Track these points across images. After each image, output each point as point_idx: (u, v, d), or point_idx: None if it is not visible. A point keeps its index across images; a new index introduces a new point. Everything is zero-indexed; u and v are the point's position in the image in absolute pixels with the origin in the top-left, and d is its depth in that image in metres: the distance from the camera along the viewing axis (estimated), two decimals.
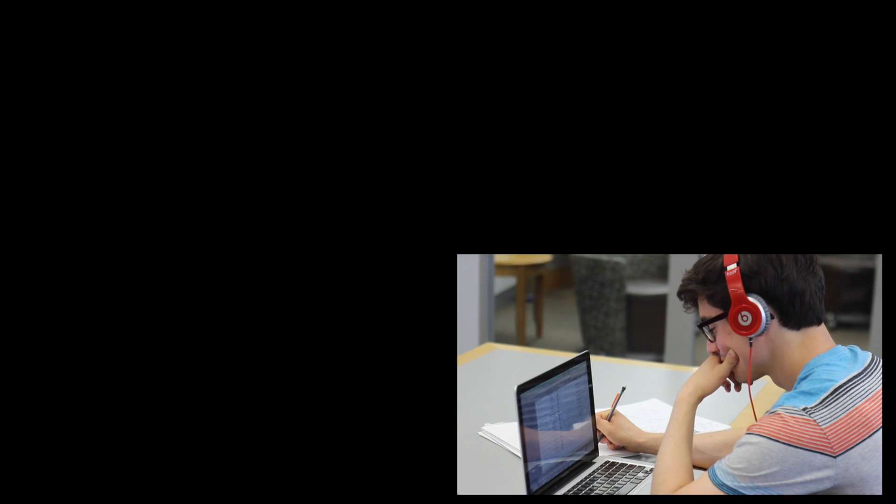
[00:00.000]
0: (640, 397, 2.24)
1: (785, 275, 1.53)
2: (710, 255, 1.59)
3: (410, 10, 1.58)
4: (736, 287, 1.54)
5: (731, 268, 1.54)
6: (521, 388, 1.67)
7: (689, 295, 1.62)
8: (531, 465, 1.68)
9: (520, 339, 5.41)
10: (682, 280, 1.63)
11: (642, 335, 4.87)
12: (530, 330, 5.78)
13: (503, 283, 6.24)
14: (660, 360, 4.74)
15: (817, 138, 1.57)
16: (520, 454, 1.66)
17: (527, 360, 1.79)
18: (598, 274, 4.86)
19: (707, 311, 1.60)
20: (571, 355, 1.87)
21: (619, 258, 4.80)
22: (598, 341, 4.96)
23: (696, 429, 2.02)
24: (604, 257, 4.76)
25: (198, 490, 1.55)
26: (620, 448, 1.93)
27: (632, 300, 4.86)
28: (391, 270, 1.58)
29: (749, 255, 1.54)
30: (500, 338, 5.53)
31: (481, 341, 4.86)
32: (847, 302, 5.51)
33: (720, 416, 2.11)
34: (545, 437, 1.73)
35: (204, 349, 1.56)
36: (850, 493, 1.42)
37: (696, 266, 1.60)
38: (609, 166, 1.59)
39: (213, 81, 1.59)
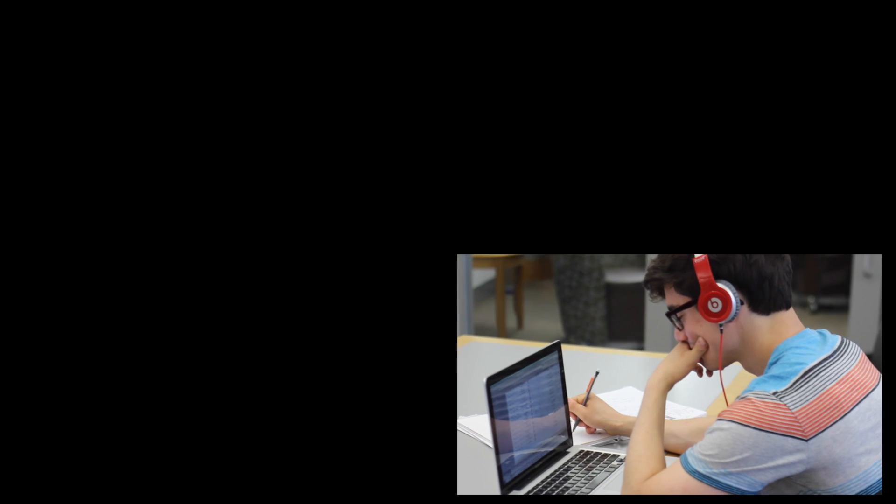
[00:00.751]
0: (617, 385, 2.23)
1: (753, 260, 1.52)
2: None
3: (410, 10, 1.58)
4: (705, 274, 1.52)
5: (699, 255, 1.53)
6: (491, 380, 1.65)
7: (655, 284, 1.60)
8: (503, 457, 1.66)
9: (500, 331, 5.40)
10: (648, 269, 1.61)
11: (622, 324, 4.86)
12: (511, 322, 5.77)
13: (482, 275, 6.23)
14: (640, 348, 4.74)
15: (817, 138, 1.57)
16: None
17: (503, 352, 1.78)
18: (577, 263, 4.85)
19: (675, 299, 1.58)
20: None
21: None
22: (578, 331, 4.95)
23: (671, 415, 2.02)
24: None
25: (196, 489, 1.55)
26: (598, 433, 1.92)
27: (611, 289, 4.85)
28: (391, 270, 1.57)
29: None
30: (481, 330, 5.51)
31: (461, 334, 4.85)
32: (827, 285, 5.52)
33: (695, 402, 2.10)
34: (517, 429, 1.71)
35: (203, 350, 1.56)
36: (823, 476, 1.41)
37: (662, 255, 1.59)
38: (606, 167, 1.59)
39: (212, 81, 1.58)
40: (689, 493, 1.44)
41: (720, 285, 1.51)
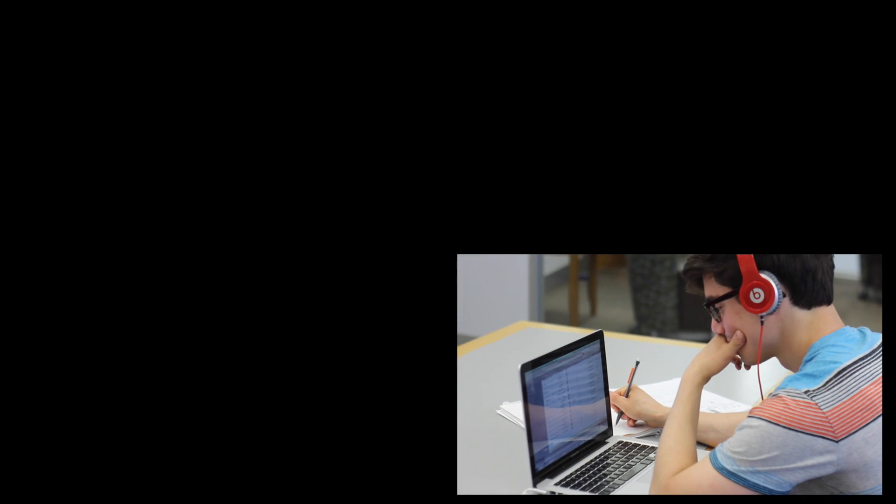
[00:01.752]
0: (666, 377, 2.20)
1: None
2: None
3: (410, 10, 1.57)
4: (748, 264, 1.49)
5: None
6: (526, 367, 1.64)
7: (694, 273, 1.58)
8: (538, 445, 1.66)
9: (573, 318, 5.37)
10: (688, 259, 1.59)
11: (693, 313, 4.80)
12: (584, 308, 5.74)
13: (558, 261, 6.20)
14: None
15: (817, 139, 1.55)
16: None
17: (556, 339, 1.77)
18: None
19: (714, 289, 1.56)
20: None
21: None
22: (649, 320, 4.91)
23: (717, 409, 1.99)
24: None
25: (196, 490, 1.56)
26: (639, 424, 1.90)
27: (683, 279, 4.79)
28: (391, 270, 1.57)
29: None
30: (552, 316, 5.49)
31: (531, 320, 4.84)
32: None
33: (745, 397, 2.07)
34: (553, 416, 1.70)
35: (203, 351, 1.56)
36: (854, 479, 1.38)
37: None
38: (610, 165, 1.58)
39: (212, 81, 1.58)
40: (717, 491, 1.42)
41: (763, 276, 1.48)
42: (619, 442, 1.84)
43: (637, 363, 1.94)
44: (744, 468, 1.40)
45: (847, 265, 6.08)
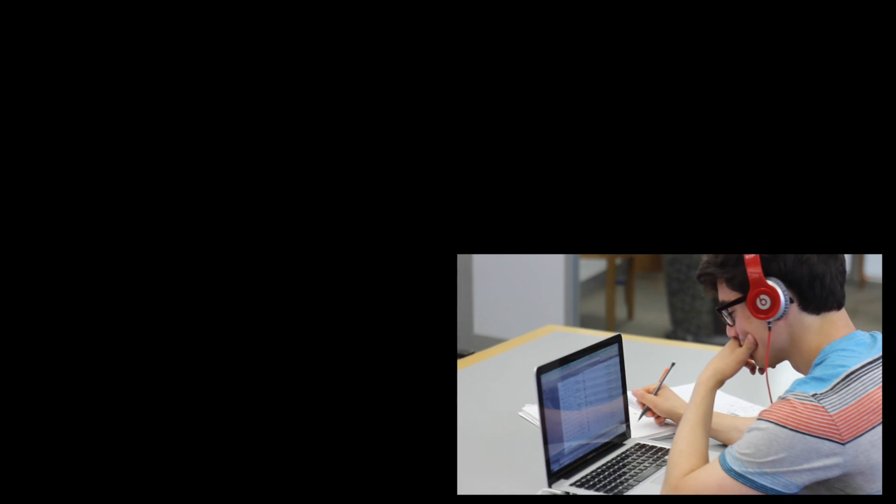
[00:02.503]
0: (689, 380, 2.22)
1: (805, 258, 1.50)
2: None
3: (410, 10, 1.59)
4: (755, 270, 1.51)
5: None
6: (542, 370, 1.67)
7: (708, 278, 1.60)
8: (554, 447, 1.69)
9: (609, 323, 5.38)
10: (702, 263, 1.61)
11: None
12: (621, 313, 5.74)
13: (595, 266, 6.21)
14: None
15: (818, 139, 1.56)
16: None
17: (583, 343, 1.80)
18: (685, 256, 4.80)
19: (726, 294, 1.58)
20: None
21: None
22: (685, 324, 4.91)
23: (736, 412, 2.00)
24: None
25: (196, 490, 1.57)
26: (667, 423, 1.93)
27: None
28: (392, 270, 1.58)
29: None
30: (588, 321, 5.50)
31: (567, 324, 4.86)
32: None
33: (765, 401, 2.08)
34: (569, 419, 1.73)
35: (203, 351, 1.58)
36: (861, 481, 1.40)
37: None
38: (611, 164, 1.60)
39: (211, 81, 1.59)
40: (725, 492, 1.44)
41: (770, 282, 1.50)
42: (637, 444, 1.86)
43: (672, 364, 1.97)
44: (751, 470, 1.42)
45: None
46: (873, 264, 6.42)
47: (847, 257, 1.61)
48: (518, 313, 4.95)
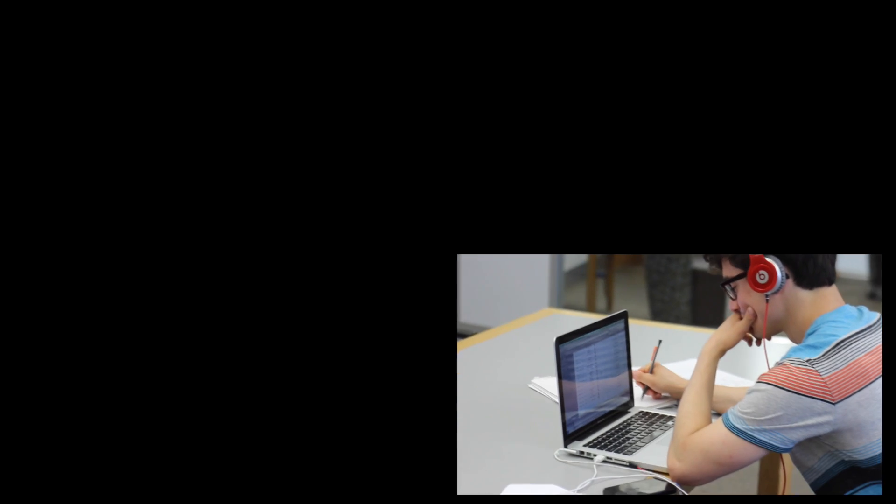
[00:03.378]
0: (681, 358, 2.39)
1: None
2: None
3: (409, 10, 1.61)
4: None
5: None
6: (560, 340, 1.84)
7: (714, 256, 1.77)
8: (569, 411, 1.85)
9: (590, 312, 5.56)
10: None
11: (706, 309, 4.99)
12: (601, 304, 5.92)
13: (575, 258, 6.39)
14: None
15: (818, 139, 1.63)
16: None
17: (580, 323, 1.96)
18: None
19: (729, 271, 1.75)
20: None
21: None
22: (664, 314, 5.09)
23: (734, 384, 2.18)
24: None
25: (196, 489, 1.59)
26: (663, 397, 2.09)
27: (697, 275, 4.97)
28: (392, 270, 1.61)
29: None
30: (571, 309, 5.67)
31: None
32: None
33: (754, 377, 2.25)
34: (582, 386, 1.90)
35: (204, 350, 1.59)
36: (849, 437, 1.57)
37: None
38: (610, 165, 1.65)
39: (211, 81, 1.61)
40: (728, 448, 1.61)
41: (768, 259, 1.68)
42: (640, 412, 2.03)
43: (660, 342, 2.14)
44: (752, 427, 1.59)
45: (856, 265, 6.28)
46: (845, 259, 6.63)
47: None
48: (505, 304, 5.13)
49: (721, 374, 2.24)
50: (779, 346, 2.03)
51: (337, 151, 1.63)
